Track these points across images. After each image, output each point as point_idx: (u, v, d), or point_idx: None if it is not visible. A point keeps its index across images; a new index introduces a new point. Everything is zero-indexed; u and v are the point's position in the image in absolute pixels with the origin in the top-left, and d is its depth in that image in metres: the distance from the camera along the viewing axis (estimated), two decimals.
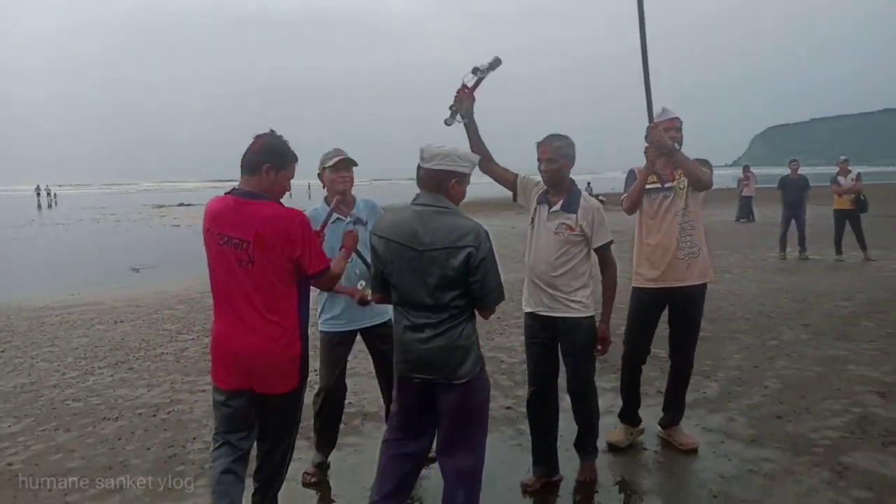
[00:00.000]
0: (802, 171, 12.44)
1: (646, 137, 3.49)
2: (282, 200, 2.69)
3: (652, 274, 3.65)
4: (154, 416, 4.53)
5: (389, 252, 2.61)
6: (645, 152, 3.51)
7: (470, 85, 3.30)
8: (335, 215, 3.33)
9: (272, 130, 2.66)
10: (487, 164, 3.45)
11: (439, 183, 2.60)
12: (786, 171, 12.58)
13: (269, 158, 2.58)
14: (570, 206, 3.22)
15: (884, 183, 37.18)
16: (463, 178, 2.65)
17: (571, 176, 3.30)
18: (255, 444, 2.82)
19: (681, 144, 3.58)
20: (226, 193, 2.64)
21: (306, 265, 2.58)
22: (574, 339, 3.24)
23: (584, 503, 3.25)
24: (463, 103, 3.30)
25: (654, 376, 4.76)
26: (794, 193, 11.91)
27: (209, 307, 8.06)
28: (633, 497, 3.29)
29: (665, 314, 3.79)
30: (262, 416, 2.75)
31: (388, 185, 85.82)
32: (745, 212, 19.83)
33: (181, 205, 41.24)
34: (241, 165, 2.61)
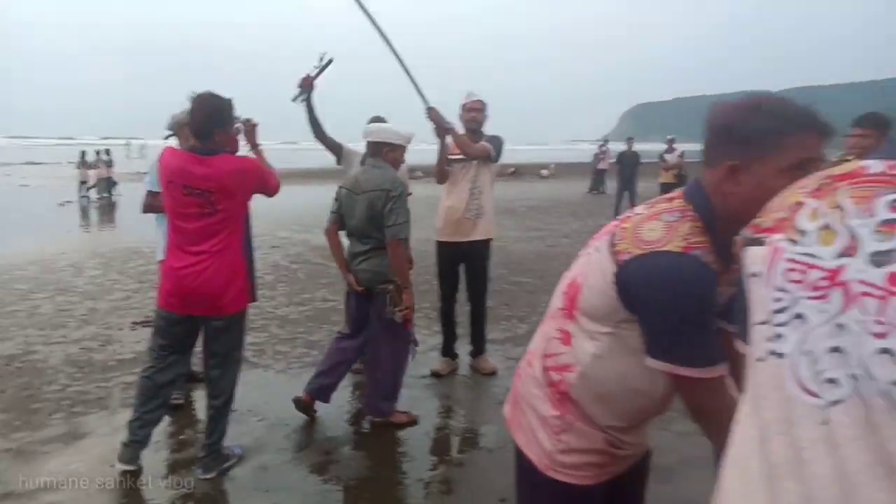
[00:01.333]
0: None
1: (427, 117, 4.18)
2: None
3: (445, 230, 4.43)
4: (8, 365, 4.73)
5: (342, 196, 3.58)
6: (434, 132, 4.21)
7: (312, 75, 4.10)
8: None
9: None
10: (321, 134, 4.19)
11: (376, 150, 3.54)
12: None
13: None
14: None
15: None
16: (394, 147, 3.56)
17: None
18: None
19: (481, 123, 4.38)
20: (185, 150, 3.00)
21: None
22: None
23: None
24: (305, 88, 4.09)
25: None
26: (628, 167, 13.41)
27: (63, 268, 8.10)
28: (438, 405, 4.11)
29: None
30: (210, 339, 3.13)
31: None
32: (598, 184, 21.57)
33: (29, 163, 38.09)
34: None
